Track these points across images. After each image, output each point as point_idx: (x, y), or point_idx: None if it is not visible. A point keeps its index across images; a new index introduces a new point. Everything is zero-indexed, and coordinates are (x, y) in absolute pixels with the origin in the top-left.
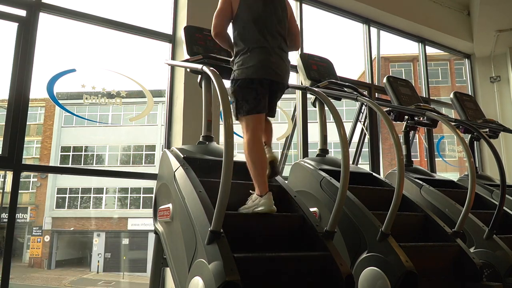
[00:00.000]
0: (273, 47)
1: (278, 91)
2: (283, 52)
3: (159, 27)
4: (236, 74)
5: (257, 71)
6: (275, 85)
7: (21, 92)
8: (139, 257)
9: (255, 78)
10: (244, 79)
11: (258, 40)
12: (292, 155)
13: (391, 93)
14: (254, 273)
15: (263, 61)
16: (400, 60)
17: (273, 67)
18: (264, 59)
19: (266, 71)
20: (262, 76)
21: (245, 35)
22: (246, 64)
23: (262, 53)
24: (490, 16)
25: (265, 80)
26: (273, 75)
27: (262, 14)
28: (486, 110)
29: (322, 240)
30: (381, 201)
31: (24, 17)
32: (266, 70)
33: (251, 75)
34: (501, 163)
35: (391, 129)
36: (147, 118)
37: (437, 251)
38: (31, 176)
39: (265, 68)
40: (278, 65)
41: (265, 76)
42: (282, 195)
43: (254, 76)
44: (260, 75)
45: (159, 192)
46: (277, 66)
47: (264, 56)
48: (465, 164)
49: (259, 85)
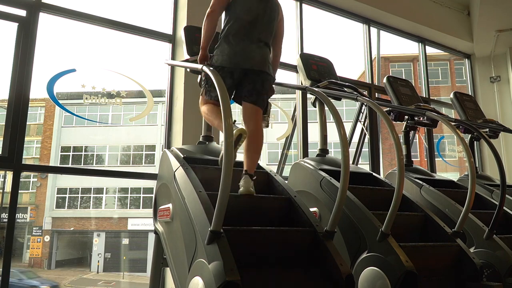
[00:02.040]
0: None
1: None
2: (264, 46)
3: (159, 27)
4: (214, 60)
5: (230, 60)
6: (251, 72)
7: (21, 92)
8: (139, 257)
9: (226, 67)
10: (216, 66)
11: (242, 32)
12: (292, 155)
13: (391, 93)
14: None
15: (240, 51)
16: (400, 60)
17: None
18: (242, 49)
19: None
20: (234, 66)
21: (232, 25)
22: (223, 52)
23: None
24: (490, 16)
25: (237, 70)
26: (247, 63)
27: (254, 9)
28: (486, 110)
29: (322, 240)
30: (381, 201)
31: (24, 17)
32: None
33: (223, 63)
34: (501, 163)
35: (391, 129)
36: (147, 118)
37: (437, 251)
38: (31, 176)
39: (240, 57)
40: (256, 53)
41: (239, 65)
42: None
43: (226, 64)
44: (232, 64)
45: (159, 192)
46: (254, 55)
47: (242, 45)
48: (465, 164)
49: (229, 74)
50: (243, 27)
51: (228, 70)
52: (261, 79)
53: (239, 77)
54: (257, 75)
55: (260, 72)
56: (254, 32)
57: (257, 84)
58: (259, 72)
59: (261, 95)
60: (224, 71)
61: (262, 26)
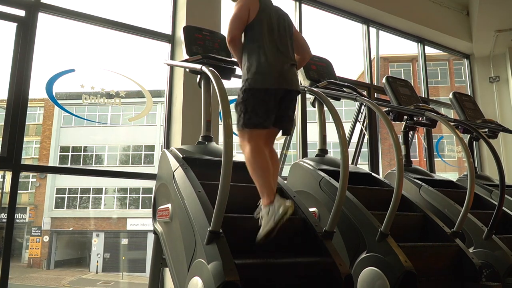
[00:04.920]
0: (284, 59)
1: (292, 104)
2: (292, 64)
3: (158, 27)
4: (250, 82)
5: (272, 80)
6: (289, 95)
7: (20, 92)
8: (138, 257)
9: (270, 89)
10: (258, 89)
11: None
12: (291, 155)
13: (390, 93)
14: (254, 275)
15: (280, 70)
16: (399, 60)
17: (287, 76)
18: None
19: (282, 81)
20: (278, 87)
21: (259, 44)
22: (260, 71)
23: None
24: (489, 16)
25: (279, 91)
26: (288, 84)
27: (275, 26)
28: (485, 110)
29: (321, 240)
30: (380, 201)
31: (23, 17)
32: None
33: (266, 84)
34: (500, 163)
35: (390, 129)
36: (146, 118)
37: (436, 251)
38: (30, 176)
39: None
40: (290, 73)
41: (282, 86)
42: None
43: (270, 85)
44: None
45: (158, 192)
46: (289, 74)
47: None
48: (464, 164)
49: (273, 97)
50: (272, 46)
51: (272, 92)
52: (294, 104)
53: (279, 98)
54: (291, 100)
55: (295, 94)
56: (282, 50)
57: (290, 111)
58: (295, 93)
59: (292, 122)
60: (268, 93)
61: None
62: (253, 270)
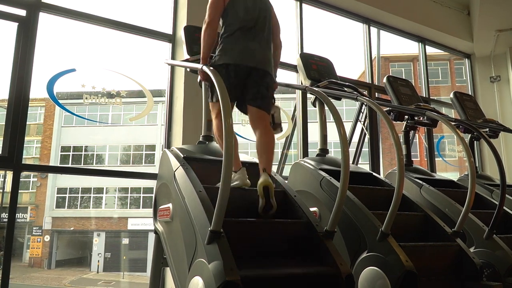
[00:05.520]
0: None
1: (263, 82)
2: (266, 45)
3: (159, 27)
4: (215, 59)
5: (234, 57)
6: (255, 73)
7: (21, 91)
8: (139, 257)
9: (230, 64)
10: (219, 64)
11: (243, 31)
12: (292, 155)
13: (391, 92)
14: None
15: (244, 48)
16: (400, 60)
17: (253, 54)
18: (245, 46)
19: (244, 57)
20: (240, 62)
21: (232, 26)
22: (225, 50)
23: (244, 42)
24: (490, 16)
25: (242, 67)
26: (252, 61)
27: (251, 9)
28: (486, 110)
29: (322, 239)
30: (381, 201)
31: (24, 17)
32: (244, 56)
33: (227, 60)
34: (501, 163)
35: (391, 129)
36: (147, 118)
37: (437, 251)
38: (31, 176)
39: (244, 54)
40: (259, 52)
41: (243, 62)
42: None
43: (230, 61)
44: (238, 61)
45: (159, 192)
46: (257, 53)
47: (246, 44)
48: (465, 164)
49: (234, 73)
50: (244, 26)
51: (233, 68)
52: (266, 82)
53: (244, 76)
54: (261, 78)
55: (264, 73)
56: (254, 31)
57: (262, 88)
58: (263, 73)
59: (266, 99)
60: (228, 69)
61: (262, 25)
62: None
